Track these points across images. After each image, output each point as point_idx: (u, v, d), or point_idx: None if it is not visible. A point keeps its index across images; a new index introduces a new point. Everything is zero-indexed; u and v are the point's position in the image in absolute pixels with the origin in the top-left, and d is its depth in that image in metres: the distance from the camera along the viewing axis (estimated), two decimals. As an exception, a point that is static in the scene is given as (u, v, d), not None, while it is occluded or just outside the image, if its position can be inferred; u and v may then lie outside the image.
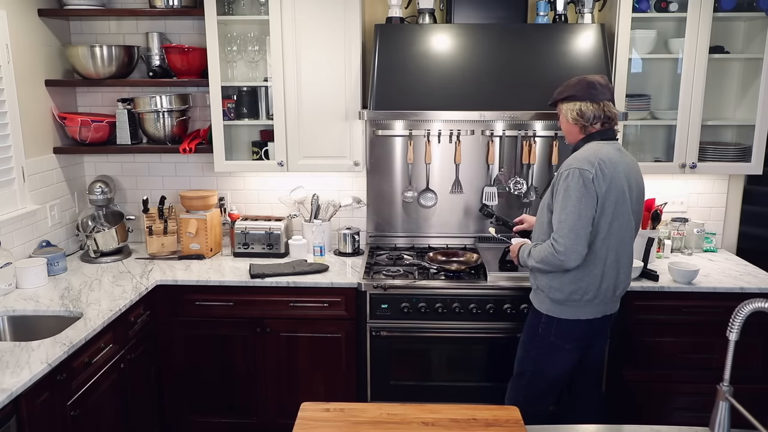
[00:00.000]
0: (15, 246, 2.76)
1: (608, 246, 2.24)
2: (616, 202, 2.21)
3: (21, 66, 2.80)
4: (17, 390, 1.79)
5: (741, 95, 3.11)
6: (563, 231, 2.18)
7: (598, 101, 2.25)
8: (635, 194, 2.30)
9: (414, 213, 3.35)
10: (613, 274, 2.28)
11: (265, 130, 3.21)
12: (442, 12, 3.09)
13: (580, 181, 2.16)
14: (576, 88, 2.28)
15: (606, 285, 2.28)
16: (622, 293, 2.39)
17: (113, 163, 3.39)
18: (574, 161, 2.22)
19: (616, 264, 2.28)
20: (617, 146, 2.31)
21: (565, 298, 2.29)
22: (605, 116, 2.27)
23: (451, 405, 1.76)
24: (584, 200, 2.16)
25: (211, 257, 3.18)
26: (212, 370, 2.93)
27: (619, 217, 2.23)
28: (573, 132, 2.34)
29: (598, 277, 2.26)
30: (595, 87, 2.25)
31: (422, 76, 2.80)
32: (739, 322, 1.37)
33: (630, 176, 2.27)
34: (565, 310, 2.31)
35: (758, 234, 3.29)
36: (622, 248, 2.28)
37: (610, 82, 2.32)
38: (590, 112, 2.26)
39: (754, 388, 2.68)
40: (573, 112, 2.28)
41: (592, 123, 2.27)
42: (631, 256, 2.37)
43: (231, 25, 3.08)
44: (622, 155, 2.30)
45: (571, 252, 2.18)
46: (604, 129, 2.29)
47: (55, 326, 2.33)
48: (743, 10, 2.90)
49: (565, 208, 2.19)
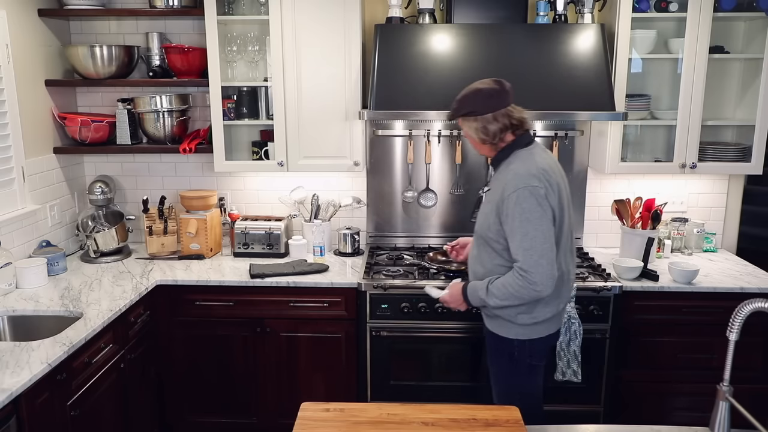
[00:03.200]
0: (15, 246, 2.76)
1: (562, 254, 2.13)
2: (563, 208, 2.11)
3: (21, 66, 2.80)
4: (17, 390, 1.79)
5: (741, 95, 3.11)
6: (533, 259, 1.99)
7: (499, 110, 2.08)
8: (568, 194, 2.21)
9: (414, 213, 3.35)
10: (570, 281, 2.23)
11: (265, 130, 3.21)
12: (442, 12, 3.09)
13: (533, 200, 2.00)
14: (474, 103, 2.09)
15: (567, 292, 2.23)
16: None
17: (113, 163, 3.39)
18: (518, 179, 2.03)
19: (571, 269, 2.22)
20: (542, 148, 2.20)
21: (538, 319, 2.14)
22: (513, 124, 2.09)
23: (451, 405, 1.76)
24: (544, 220, 2.01)
25: (211, 257, 3.18)
26: (212, 370, 2.93)
27: (565, 224, 2.12)
28: (484, 148, 2.18)
29: (561, 291, 2.16)
30: (492, 97, 2.08)
31: (422, 76, 2.80)
32: (739, 322, 1.37)
33: (564, 178, 2.19)
34: (535, 330, 2.16)
35: (758, 234, 3.29)
36: (571, 252, 2.21)
37: (504, 84, 2.11)
38: (495, 126, 2.08)
39: (754, 388, 2.68)
40: (477, 130, 2.11)
41: (500, 135, 2.10)
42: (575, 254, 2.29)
43: (231, 25, 3.08)
44: (549, 156, 2.19)
45: (546, 279, 2.01)
46: (521, 135, 2.13)
47: (55, 326, 2.33)
48: (743, 10, 2.90)
49: (527, 235, 2.00)
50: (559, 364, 2.73)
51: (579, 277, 2.79)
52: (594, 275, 2.84)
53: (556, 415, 2.79)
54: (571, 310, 2.68)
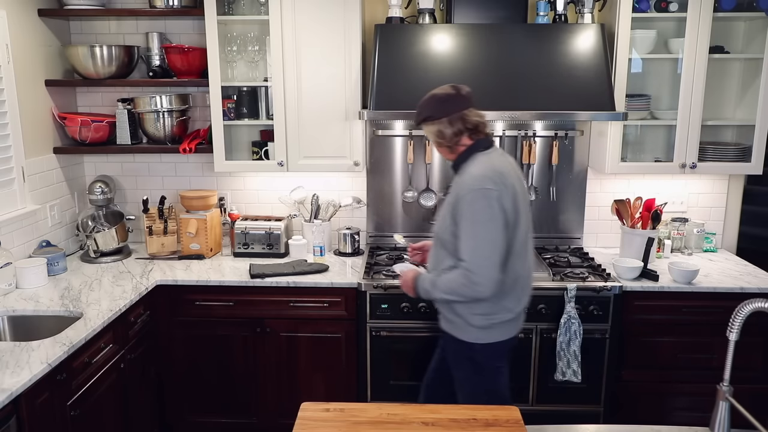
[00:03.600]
0: (15, 246, 2.76)
1: (520, 257, 2.15)
2: (519, 211, 2.11)
3: (21, 66, 2.80)
4: (17, 390, 1.79)
5: (741, 95, 3.11)
6: (477, 260, 2.03)
7: (454, 114, 2.11)
8: (528, 198, 2.23)
9: (414, 213, 3.35)
10: (529, 284, 2.24)
11: (265, 130, 3.21)
12: (442, 12, 3.09)
13: (485, 202, 2.02)
14: (429, 108, 2.15)
15: (526, 296, 2.24)
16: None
17: (113, 163, 3.39)
18: (473, 181, 2.06)
19: (530, 272, 2.23)
20: (500, 152, 2.22)
21: (493, 322, 2.15)
22: (467, 127, 2.12)
23: (451, 405, 1.76)
24: (494, 223, 2.02)
25: (211, 257, 3.18)
26: (212, 371, 2.93)
27: (522, 227, 2.13)
28: (444, 151, 2.22)
29: (518, 293, 2.18)
30: (446, 101, 2.12)
31: (422, 76, 2.80)
32: (739, 322, 1.37)
33: (521, 182, 2.20)
34: (492, 333, 2.17)
35: (758, 234, 3.30)
36: (529, 255, 2.23)
37: (461, 89, 2.15)
38: (449, 130, 2.12)
39: (754, 388, 2.69)
40: (434, 134, 2.16)
41: (455, 139, 2.14)
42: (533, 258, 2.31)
43: (231, 25, 3.08)
44: (507, 160, 2.21)
45: (488, 282, 2.04)
46: (478, 139, 2.15)
47: (55, 326, 2.33)
48: (743, 10, 2.90)
49: (475, 236, 2.03)
50: (559, 364, 2.73)
51: (579, 277, 2.80)
52: (594, 275, 2.84)
53: (556, 415, 2.81)
54: (571, 310, 2.68)
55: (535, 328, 2.77)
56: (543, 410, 2.83)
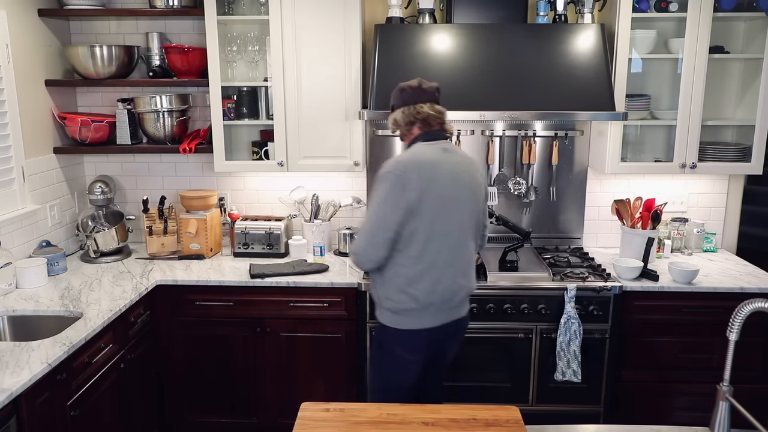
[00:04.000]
0: (15, 246, 2.76)
1: (435, 249, 2.14)
2: (437, 203, 2.13)
3: (21, 66, 2.80)
4: (17, 390, 1.79)
5: (741, 95, 3.11)
6: (363, 235, 2.15)
7: (408, 105, 2.22)
8: (468, 194, 2.22)
9: (414, 213, 3.34)
10: (449, 278, 2.19)
11: (265, 130, 3.21)
12: (442, 12, 3.09)
13: (388, 184, 2.11)
14: (392, 97, 2.29)
15: (443, 290, 2.18)
16: (466, 297, 2.29)
17: (113, 163, 3.39)
18: (388, 165, 2.17)
19: (451, 268, 2.19)
20: (443, 146, 2.23)
21: (400, 308, 2.18)
22: (418, 119, 2.21)
23: (451, 405, 1.76)
24: (389, 204, 2.10)
25: (211, 257, 3.18)
26: (212, 370, 2.93)
27: (443, 219, 2.14)
28: (401, 138, 2.34)
29: (429, 283, 2.15)
30: (404, 91, 2.24)
31: (422, 76, 2.76)
32: (739, 322, 1.37)
33: (459, 176, 2.20)
34: (404, 320, 2.19)
35: (758, 234, 3.30)
36: (456, 251, 2.20)
37: (423, 83, 2.24)
38: (401, 118, 2.24)
39: (754, 388, 2.69)
40: (390, 121, 2.30)
41: (407, 128, 2.25)
42: (470, 259, 2.28)
43: (231, 25, 3.08)
44: (449, 155, 2.22)
45: (363, 254, 2.15)
46: (427, 131, 2.22)
47: (55, 326, 2.33)
48: (743, 10, 2.90)
49: (370, 213, 2.16)
50: (559, 364, 2.73)
51: (579, 277, 2.80)
52: (594, 275, 2.84)
53: (556, 415, 2.81)
54: (571, 310, 2.68)
55: (535, 328, 2.77)
56: (543, 410, 2.84)
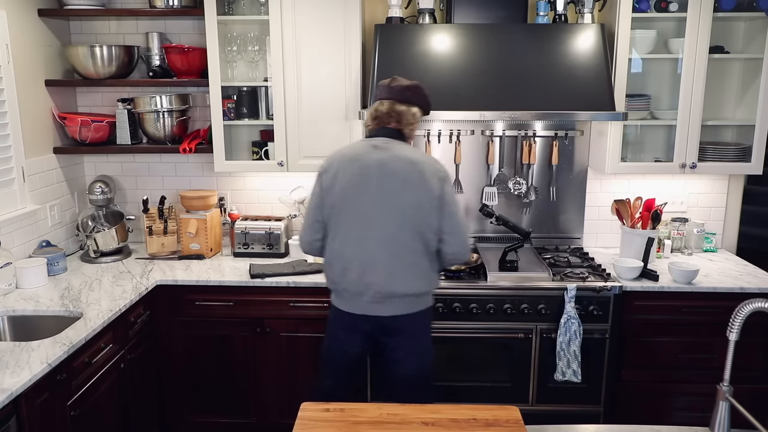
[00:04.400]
0: (15, 246, 2.76)
1: (342, 240, 2.23)
2: (345, 197, 2.21)
3: (21, 66, 2.80)
4: (17, 390, 1.79)
5: (741, 95, 3.11)
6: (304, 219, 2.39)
7: (375, 101, 2.35)
8: (393, 191, 2.19)
9: (414, 213, 3.34)
10: (355, 271, 2.22)
11: (265, 130, 3.21)
12: (442, 12, 3.09)
13: (316, 173, 2.34)
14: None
15: (351, 281, 2.23)
16: (381, 298, 2.23)
17: (113, 163, 3.39)
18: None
19: (358, 262, 2.21)
20: (374, 143, 2.28)
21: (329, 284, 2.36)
22: (375, 116, 2.32)
23: (451, 405, 1.76)
24: (313, 194, 2.34)
25: (211, 257, 3.18)
26: (212, 370, 2.93)
27: (349, 213, 2.21)
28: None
29: (337, 271, 2.26)
30: (377, 88, 2.37)
31: (422, 76, 2.79)
32: (739, 322, 1.37)
33: (382, 172, 2.20)
34: (334, 298, 2.36)
35: (758, 234, 3.30)
36: (362, 246, 2.21)
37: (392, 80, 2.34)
38: (367, 114, 2.37)
39: (754, 388, 2.68)
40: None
41: (371, 123, 2.36)
42: (392, 258, 2.21)
43: (231, 25, 3.08)
44: (378, 152, 2.24)
45: (301, 237, 2.38)
46: (374, 127, 2.34)
47: (55, 326, 2.33)
48: (743, 10, 2.90)
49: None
50: (559, 364, 2.73)
51: (579, 277, 2.80)
52: (594, 275, 2.84)
53: (556, 415, 2.81)
54: (571, 310, 2.68)
55: (535, 328, 2.77)
56: (543, 410, 2.84)
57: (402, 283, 2.23)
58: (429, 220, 2.22)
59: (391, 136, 2.29)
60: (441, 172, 2.25)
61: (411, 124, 2.33)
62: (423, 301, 2.31)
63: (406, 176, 2.20)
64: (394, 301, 2.25)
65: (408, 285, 2.24)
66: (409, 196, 2.20)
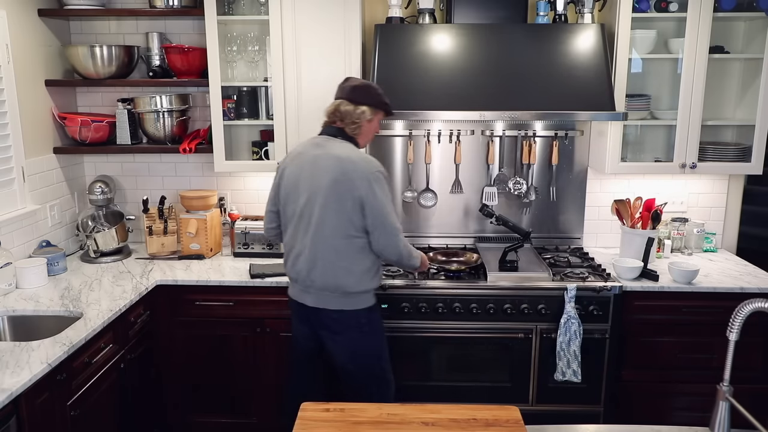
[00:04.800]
0: (15, 246, 2.76)
1: (288, 233, 2.41)
2: (285, 191, 2.40)
3: (21, 66, 2.80)
4: (17, 390, 1.79)
5: (741, 95, 3.11)
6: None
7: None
8: (323, 187, 2.28)
9: (414, 213, 3.35)
10: (291, 261, 2.40)
11: (265, 130, 3.21)
12: (442, 12, 3.09)
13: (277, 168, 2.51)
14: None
15: (290, 269, 2.42)
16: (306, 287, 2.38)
17: (113, 163, 3.39)
18: None
19: (296, 253, 2.37)
20: (316, 140, 2.41)
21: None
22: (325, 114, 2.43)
23: (451, 405, 1.76)
24: (272, 186, 2.50)
25: (211, 257, 3.18)
26: (212, 370, 2.93)
27: (291, 207, 2.38)
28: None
29: (286, 260, 2.45)
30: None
31: (422, 76, 2.80)
32: (739, 322, 1.37)
33: (315, 169, 2.31)
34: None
35: (758, 234, 3.30)
36: (296, 238, 2.37)
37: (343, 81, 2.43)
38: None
39: (754, 388, 2.68)
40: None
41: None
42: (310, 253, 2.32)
43: (231, 25, 3.08)
44: (317, 148, 2.37)
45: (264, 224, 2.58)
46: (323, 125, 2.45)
47: (55, 326, 2.33)
48: (743, 10, 2.90)
49: None
50: (559, 364, 2.73)
51: (579, 277, 2.80)
52: (594, 275, 2.84)
53: (556, 415, 2.81)
54: (571, 310, 2.68)
55: (535, 328, 2.77)
56: (543, 410, 2.84)
57: (321, 277, 2.34)
58: (351, 217, 2.29)
59: (332, 135, 2.40)
60: (372, 173, 2.28)
61: (355, 123, 2.37)
62: (353, 300, 2.37)
63: (332, 174, 2.29)
64: (316, 293, 2.38)
65: (326, 280, 2.34)
66: (332, 193, 2.28)
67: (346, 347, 2.43)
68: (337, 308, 2.36)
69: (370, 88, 2.40)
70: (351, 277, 2.33)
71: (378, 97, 2.40)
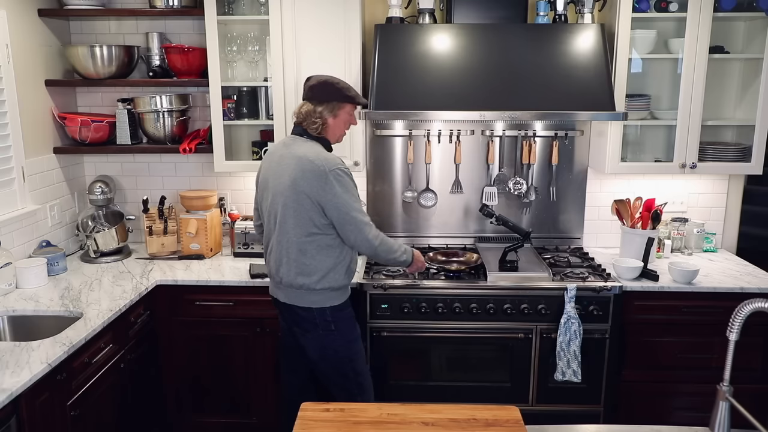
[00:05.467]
0: (15, 246, 2.76)
1: (269, 230, 2.44)
2: (261, 189, 2.47)
3: (21, 66, 2.80)
4: (17, 390, 1.79)
5: (741, 95, 3.11)
6: None
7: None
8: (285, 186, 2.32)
9: (414, 213, 3.35)
10: (266, 257, 2.48)
11: (265, 130, 3.21)
12: (442, 12, 3.09)
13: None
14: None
15: (267, 265, 2.49)
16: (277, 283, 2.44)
17: (113, 163, 3.39)
18: None
19: (270, 251, 2.44)
20: (287, 140, 2.46)
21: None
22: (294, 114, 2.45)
23: (451, 405, 1.76)
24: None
25: (211, 257, 3.18)
26: (212, 370, 2.93)
27: (265, 203, 2.44)
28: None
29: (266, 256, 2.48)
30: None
31: (422, 76, 2.80)
32: (739, 322, 1.37)
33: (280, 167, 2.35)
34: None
35: (758, 234, 3.30)
36: (269, 235, 2.43)
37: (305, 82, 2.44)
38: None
39: (754, 388, 2.69)
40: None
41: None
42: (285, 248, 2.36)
43: (231, 25, 3.08)
44: (285, 148, 2.41)
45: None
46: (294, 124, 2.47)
47: (55, 326, 2.33)
48: (743, 10, 2.90)
49: None
50: (559, 364, 2.73)
51: (579, 277, 2.80)
52: (594, 275, 2.84)
53: (556, 415, 2.81)
54: (571, 310, 2.68)
55: (535, 328, 2.77)
56: (543, 410, 2.84)
57: (287, 274, 2.38)
58: (311, 215, 2.31)
59: (298, 134, 2.43)
60: (330, 170, 2.28)
61: (315, 123, 2.38)
62: (318, 298, 2.38)
63: (292, 173, 2.32)
64: (285, 290, 2.42)
65: (291, 277, 2.37)
66: (291, 193, 2.32)
67: (315, 345, 2.46)
68: (305, 306, 2.40)
69: (327, 85, 2.38)
70: (314, 274, 2.34)
71: (338, 93, 2.38)
